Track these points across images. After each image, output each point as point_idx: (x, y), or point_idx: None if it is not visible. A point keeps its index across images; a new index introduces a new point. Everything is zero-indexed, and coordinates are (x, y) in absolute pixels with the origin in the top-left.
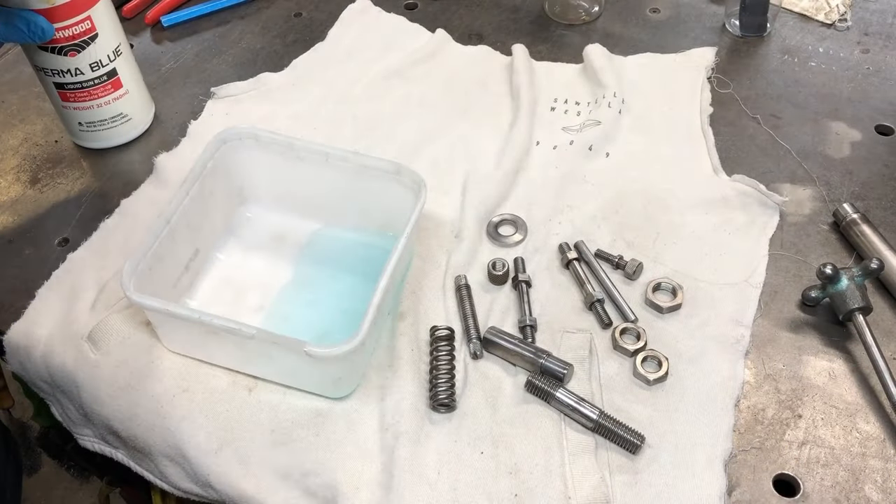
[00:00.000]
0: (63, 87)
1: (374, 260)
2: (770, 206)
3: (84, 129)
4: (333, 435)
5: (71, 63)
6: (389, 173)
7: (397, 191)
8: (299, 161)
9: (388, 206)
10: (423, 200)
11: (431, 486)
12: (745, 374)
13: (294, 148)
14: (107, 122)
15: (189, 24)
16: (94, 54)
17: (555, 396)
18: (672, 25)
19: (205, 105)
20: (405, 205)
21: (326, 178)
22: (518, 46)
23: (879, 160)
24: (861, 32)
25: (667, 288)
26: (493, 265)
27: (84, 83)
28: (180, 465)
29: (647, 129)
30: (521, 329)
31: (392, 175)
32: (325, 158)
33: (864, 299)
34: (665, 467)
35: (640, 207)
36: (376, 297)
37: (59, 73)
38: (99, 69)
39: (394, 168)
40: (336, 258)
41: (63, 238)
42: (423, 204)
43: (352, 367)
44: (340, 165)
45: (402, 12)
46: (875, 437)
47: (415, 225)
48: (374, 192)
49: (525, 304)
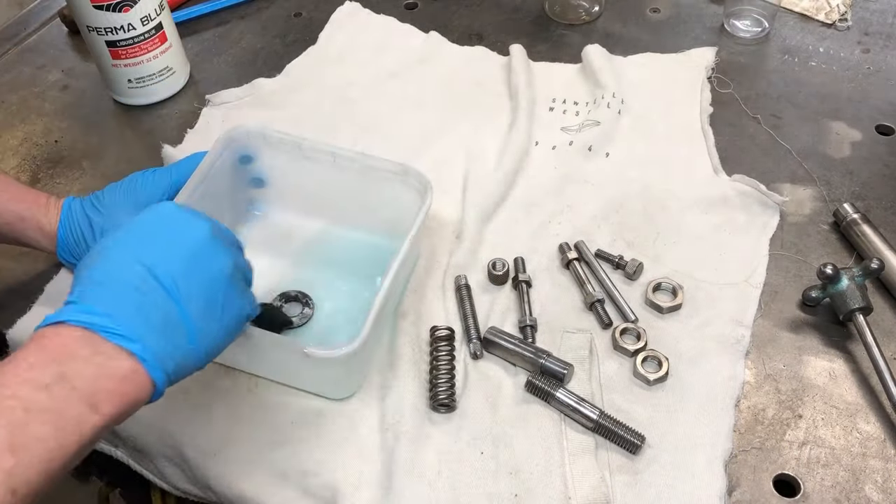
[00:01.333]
0: (115, 44)
1: (379, 261)
2: (770, 206)
3: (133, 86)
4: (333, 435)
5: (124, 19)
6: (396, 174)
7: (403, 192)
8: (306, 160)
9: (394, 207)
10: (429, 202)
11: (431, 486)
12: (745, 374)
13: (302, 147)
14: (154, 76)
15: (189, 24)
16: (143, 8)
17: (555, 396)
18: (672, 25)
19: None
20: (411, 206)
21: (333, 178)
22: (516, 46)
23: (879, 160)
24: (861, 32)
25: (667, 288)
26: (493, 265)
27: (135, 38)
28: (179, 467)
29: (647, 129)
30: (522, 329)
31: (398, 176)
32: (332, 158)
33: (864, 299)
34: (665, 467)
35: (640, 207)
36: (378, 300)
37: (111, 31)
38: (148, 23)
39: (401, 169)
40: (341, 258)
41: None
42: (430, 206)
43: (352, 369)
44: (347, 166)
45: (403, 12)
46: (875, 438)
47: (420, 227)
48: (381, 193)
49: (525, 304)
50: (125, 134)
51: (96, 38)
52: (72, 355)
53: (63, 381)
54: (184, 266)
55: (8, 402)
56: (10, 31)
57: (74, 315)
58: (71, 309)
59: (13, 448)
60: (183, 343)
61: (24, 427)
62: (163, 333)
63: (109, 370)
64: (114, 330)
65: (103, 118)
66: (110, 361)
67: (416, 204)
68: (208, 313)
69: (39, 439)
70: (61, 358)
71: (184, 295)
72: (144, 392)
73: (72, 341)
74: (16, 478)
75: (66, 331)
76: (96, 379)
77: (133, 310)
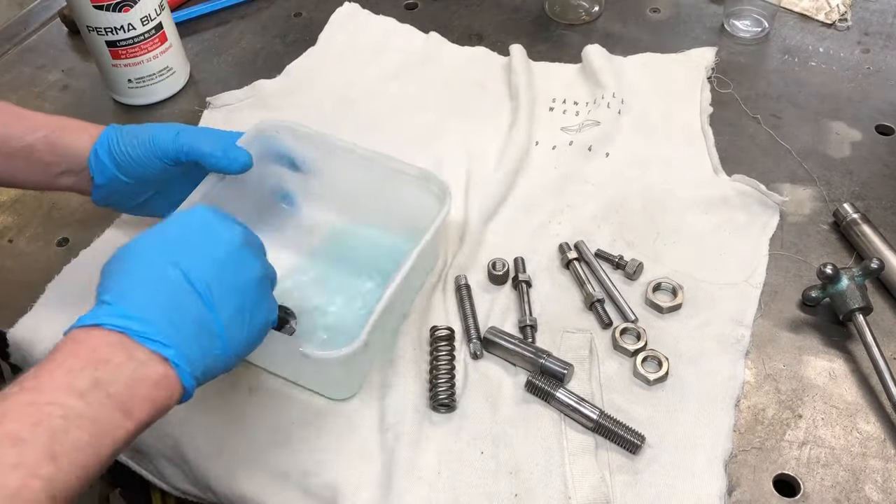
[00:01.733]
0: (115, 44)
1: (394, 263)
2: (770, 205)
3: (133, 86)
4: (334, 435)
5: (124, 19)
6: (417, 178)
7: (422, 197)
8: (331, 157)
9: (412, 211)
10: (447, 208)
11: (431, 486)
12: (745, 374)
13: (328, 143)
14: (155, 76)
15: (189, 24)
16: (143, 8)
17: (555, 396)
18: (672, 25)
19: (202, 114)
20: (429, 211)
21: (356, 177)
22: (516, 46)
23: (879, 160)
24: (861, 32)
25: (667, 288)
26: (493, 265)
27: (135, 38)
28: (179, 467)
29: (647, 129)
30: (522, 329)
31: (419, 181)
32: (355, 157)
33: (864, 299)
34: (665, 467)
35: (640, 207)
36: (382, 302)
37: (111, 31)
38: (148, 23)
39: (421, 174)
40: (357, 258)
41: (63, 238)
42: (448, 212)
43: (353, 370)
44: (369, 165)
45: (403, 12)
46: (875, 437)
47: (436, 232)
48: (401, 195)
49: (525, 304)
50: None
51: (96, 38)
52: (106, 361)
53: (98, 387)
54: (217, 272)
55: (47, 409)
56: (10, 31)
57: (110, 319)
58: (106, 311)
59: (53, 456)
60: (213, 348)
61: (64, 434)
62: (195, 339)
63: (143, 376)
64: (149, 336)
65: (103, 118)
66: (143, 367)
67: (433, 209)
68: (238, 319)
69: (77, 447)
70: (96, 364)
71: (217, 301)
72: (175, 397)
73: (107, 346)
74: (56, 484)
75: (100, 335)
76: (130, 385)
77: (167, 315)
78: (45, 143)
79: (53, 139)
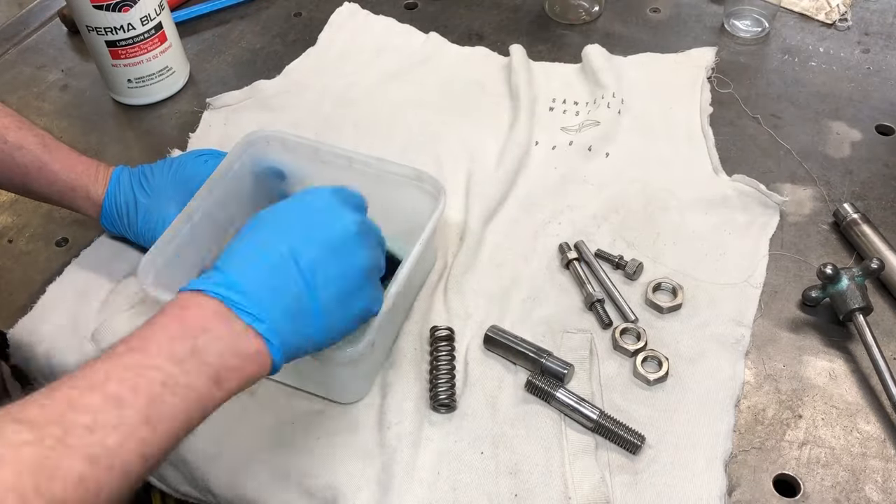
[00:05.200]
0: (115, 44)
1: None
2: (770, 206)
3: (133, 86)
4: (334, 435)
5: (124, 19)
6: (410, 179)
7: (418, 197)
8: (323, 165)
9: (409, 212)
10: (442, 207)
11: (431, 486)
12: (745, 374)
13: (319, 152)
14: (154, 76)
15: (189, 24)
16: (143, 8)
17: (555, 396)
18: (672, 25)
19: (201, 115)
20: (425, 211)
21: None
22: (516, 47)
23: (879, 160)
24: (861, 32)
25: (667, 288)
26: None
27: (135, 38)
28: (179, 469)
29: (647, 129)
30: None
31: (413, 181)
32: (348, 163)
33: (864, 299)
34: (665, 467)
35: (640, 207)
36: (386, 303)
37: (111, 31)
38: (148, 23)
39: (415, 174)
40: None
41: (62, 238)
42: (443, 211)
43: (359, 371)
44: (363, 170)
45: (403, 12)
46: (875, 438)
47: (432, 231)
48: (396, 197)
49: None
50: (125, 134)
51: (96, 38)
52: (206, 329)
53: (195, 355)
54: (325, 255)
55: (150, 374)
56: (10, 31)
57: (214, 287)
58: (214, 277)
59: (149, 420)
60: (307, 328)
61: (161, 400)
62: (291, 318)
63: (237, 348)
64: (247, 309)
65: (103, 118)
66: (239, 340)
67: (431, 209)
68: (337, 305)
69: (172, 415)
70: (196, 332)
71: (320, 283)
72: (263, 372)
73: (208, 314)
74: (148, 447)
75: (204, 301)
76: (225, 356)
77: (268, 291)
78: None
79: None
